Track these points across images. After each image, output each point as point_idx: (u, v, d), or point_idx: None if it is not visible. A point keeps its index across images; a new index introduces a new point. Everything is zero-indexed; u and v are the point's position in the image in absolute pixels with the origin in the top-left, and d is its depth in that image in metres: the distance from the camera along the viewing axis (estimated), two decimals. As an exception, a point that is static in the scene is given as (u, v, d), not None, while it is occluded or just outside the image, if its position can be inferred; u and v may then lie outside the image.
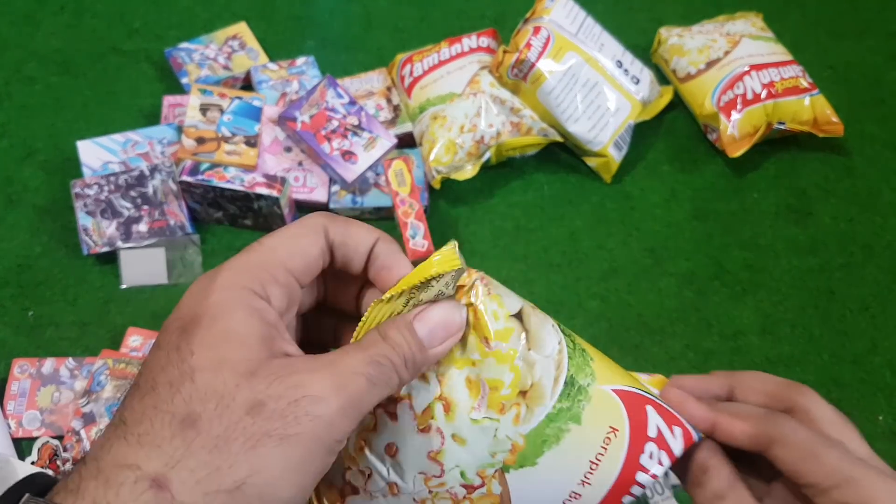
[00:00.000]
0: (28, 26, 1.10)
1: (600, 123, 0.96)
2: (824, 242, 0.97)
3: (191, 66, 1.03)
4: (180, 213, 0.90)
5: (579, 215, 0.97)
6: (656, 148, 1.04)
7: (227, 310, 0.28)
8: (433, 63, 1.00)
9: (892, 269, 0.95)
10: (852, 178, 1.02)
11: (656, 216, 0.98)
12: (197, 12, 1.13)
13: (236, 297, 0.28)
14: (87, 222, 0.88)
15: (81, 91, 1.04)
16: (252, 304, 0.28)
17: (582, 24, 0.98)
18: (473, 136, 0.94)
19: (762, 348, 0.88)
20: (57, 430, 0.79)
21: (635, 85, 0.99)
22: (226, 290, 0.28)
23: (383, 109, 1.00)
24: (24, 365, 0.82)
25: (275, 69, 1.03)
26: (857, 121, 1.07)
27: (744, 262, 0.94)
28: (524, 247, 0.94)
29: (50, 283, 0.89)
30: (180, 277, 0.89)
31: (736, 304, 0.91)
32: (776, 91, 0.99)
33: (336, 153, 0.92)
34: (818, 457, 0.30)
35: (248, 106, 0.96)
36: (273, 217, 0.90)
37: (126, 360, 0.82)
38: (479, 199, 0.98)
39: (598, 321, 0.89)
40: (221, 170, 0.88)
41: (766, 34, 1.07)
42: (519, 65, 0.94)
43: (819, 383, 0.86)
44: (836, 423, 0.33)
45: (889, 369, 0.87)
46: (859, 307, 0.91)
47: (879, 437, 0.82)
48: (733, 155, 0.98)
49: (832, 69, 1.13)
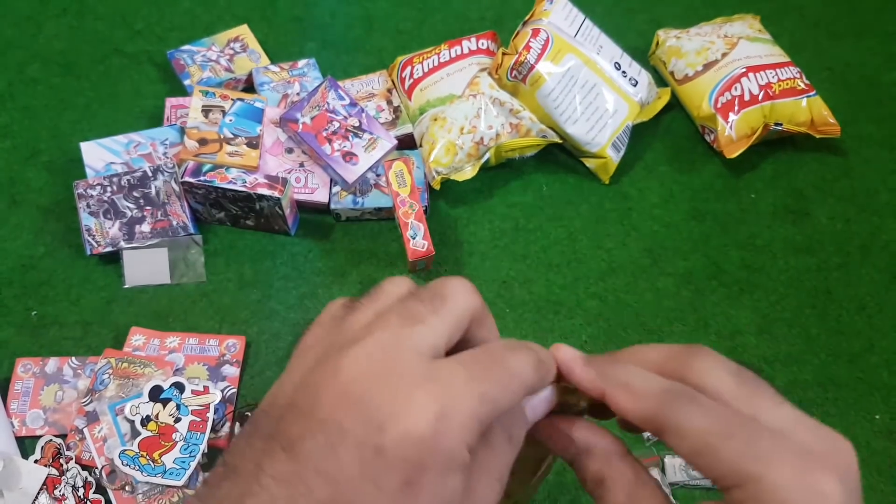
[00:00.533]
0: (31, 28, 1.11)
1: (599, 125, 0.97)
2: (821, 242, 0.97)
3: (193, 67, 1.04)
4: (183, 214, 0.91)
5: (578, 216, 0.98)
6: (654, 149, 1.04)
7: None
8: (433, 65, 1.00)
9: (888, 268, 0.95)
10: (849, 179, 1.03)
11: (654, 216, 0.98)
12: (199, 14, 1.14)
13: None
14: (90, 223, 0.89)
15: (84, 92, 1.05)
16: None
17: (581, 26, 0.99)
18: (473, 137, 0.95)
19: (759, 347, 0.88)
20: (60, 428, 0.79)
21: (633, 87, 1.00)
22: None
23: (384, 111, 1.01)
24: (27, 364, 0.83)
25: (276, 71, 1.04)
26: (855, 122, 1.07)
27: (741, 262, 0.95)
28: (523, 247, 0.95)
29: (53, 282, 0.89)
30: (182, 277, 0.90)
31: (733, 304, 0.91)
32: (773, 92, 1.00)
33: (337, 154, 0.93)
34: (714, 452, 0.25)
35: (250, 107, 0.96)
36: (275, 217, 0.91)
37: (129, 359, 0.82)
38: (479, 200, 0.99)
39: (596, 321, 0.89)
40: (223, 171, 0.88)
41: (763, 36, 1.07)
42: (518, 67, 0.94)
43: (816, 382, 0.86)
44: (740, 393, 0.27)
45: (886, 368, 0.88)
46: (856, 307, 0.92)
47: (876, 436, 0.83)
48: (731, 156, 0.99)
49: (829, 70, 1.13)
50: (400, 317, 0.27)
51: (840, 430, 0.27)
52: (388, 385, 0.25)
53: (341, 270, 0.92)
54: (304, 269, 0.92)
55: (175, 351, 0.84)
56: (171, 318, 0.88)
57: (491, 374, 0.26)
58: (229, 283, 0.90)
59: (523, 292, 0.91)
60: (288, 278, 0.91)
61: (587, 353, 0.31)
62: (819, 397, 0.85)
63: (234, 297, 0.89)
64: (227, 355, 0.84)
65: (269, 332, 0.87)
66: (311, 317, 0.89)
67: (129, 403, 0.78)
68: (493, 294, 0.91)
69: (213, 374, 0.83)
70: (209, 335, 0.86)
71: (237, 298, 0.89)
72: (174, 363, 0.83)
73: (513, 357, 0.27)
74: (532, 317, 0.89)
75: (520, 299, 0.91)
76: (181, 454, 0.76)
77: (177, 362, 0.83)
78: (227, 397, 0.82)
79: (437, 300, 0.28)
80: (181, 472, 0.75)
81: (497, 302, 0.90)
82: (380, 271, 0.92)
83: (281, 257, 0.93)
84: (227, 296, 0.89)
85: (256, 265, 0.92)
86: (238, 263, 0.92)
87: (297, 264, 0.92)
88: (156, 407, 0.78)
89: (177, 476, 0.75)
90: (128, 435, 0.77)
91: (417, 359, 0.26)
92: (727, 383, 0.27)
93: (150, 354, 0.84)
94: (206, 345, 0.85)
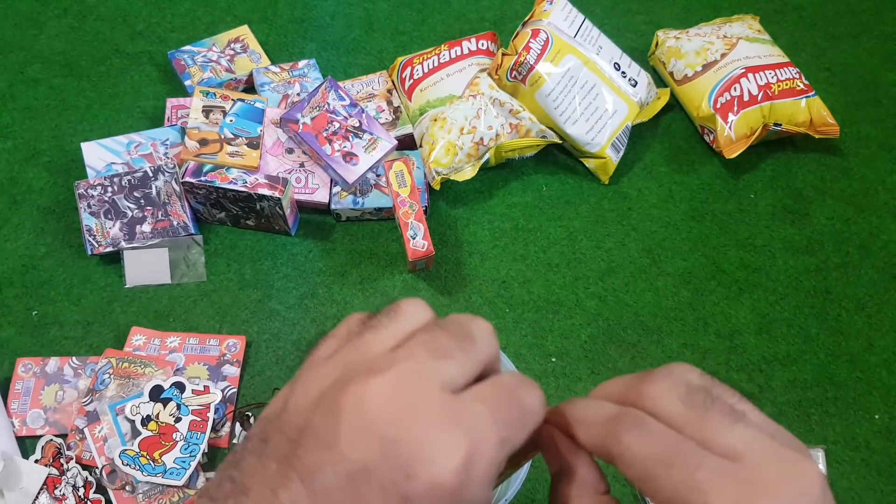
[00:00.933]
0: (32, 28, 1.11)
1: (598, 125, 0.97)
2: (820, 242, 0.97)
3: (194, 68, 1.04)
4: (183, 214, 0.91)
5: (577, 216, 0.98)
6: (653, 149, 1.05)
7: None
8: (433, 66, 1.01)
9: (887, 268, 0.95)
10: (848, 179, 1.03)
11: (654, 217, 0.98)
12: (199, 15, 1.14)
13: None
14: (91, 223, 0.89)
15: (85, 93, 1.05)
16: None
17: (580, 26, 0.99)
18: (473, 137, 0.95)
19: (759, 347, 0.88)
20: (61, 428, 0.79)
21: (633, 87, 1.00)
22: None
23: (384, 111, 1.01)
24: (28, 364, 0.83)
25: (277, 71, 1.04)
26: (854, 122, 1.08)
27: (740, 262, 0.95)
28: (523, 247, 0.95)
29: (54, 282, 0.89)
30: (183, 277, 0.90)
31: (733, 304, 0.92)
32: (773, 93, 1.00)
33: (337, 154, 0.93)
34: (657, 480, 0.25)
35: (251, 108, 0.97)
36: (275, 218, 0.91)
37: (129, 358, 0.83)
38: (479, 200, 0.99)
39: (596, 320, 0.89)
40: (224, 171, 0.88)
41: (762, 36, 1.07)
42: (518, 67, 0.95)
43: (815, 382, 0.86)
44: (690, 416, 0.26)
45: (885, 368, 0.88)
46: (855, 307, 0.92)
47: (875, 436, 0.83)
48: (730, 156, 0.99)
49: (828, 71, 1.13)
50: (427, 349, 0.26)
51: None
52: (415, 424, 0.24)
53: (341, 270, 0.92)
54: (305, 269, 0.92)
55: (175, 351, 0.84)
56: (172, 318, 0.88)
57: (511, 416, 0.26)
58: (230, 283, 0.91)
59: (523, 292, 0.91)
60: (288, 278, 0.91)
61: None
62: (818, 397, 0.85)
63: (234, 297, 0.90)
64: (228, 355, 0.85)
65: (269, 332, 0.87)
66: (312, 316, 0.89)
67: (130, 403, 0.78)
68: (492, 294, 0.91)
69: (213, 373, 0.83)
70: (210, 335, 0.86)
71: (238, 298, 0.90)
72: (175, 363, 0.83)
73: (527, 395, 0.27)
74: (531, 317, 0.89)
75: (519, 299, 0.91)
76: (182, 454, 0.76)
77: (177, 362, 0.84)
78: (227, 397, 0.82)
79: (467, 340, 0.27)
80: (181, 471, 0.75)
81: (497, 302, 0.90)
82: (380, 271, 0.92)
83: (281, 257, 0.93)
84: (228, 296, 0.90)
85: (257, 265, 0.92)
86: (238, 263, 0.92)
87: (298, 264, 0.93)
88: (156, 407, 0.79)
89: (177, 476, 0.75)
90: (128, 435, 0.77)
91: (443, 396, 0.25)
92: (676, 407, 0.26)
93: (150, 354, 0.84)
94: (207, 344, 0.85)
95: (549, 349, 0.87)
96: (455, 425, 0.24)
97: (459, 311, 0.89)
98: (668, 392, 0.27)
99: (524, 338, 0.88)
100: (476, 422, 0.25)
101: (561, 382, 0.85)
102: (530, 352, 0.87)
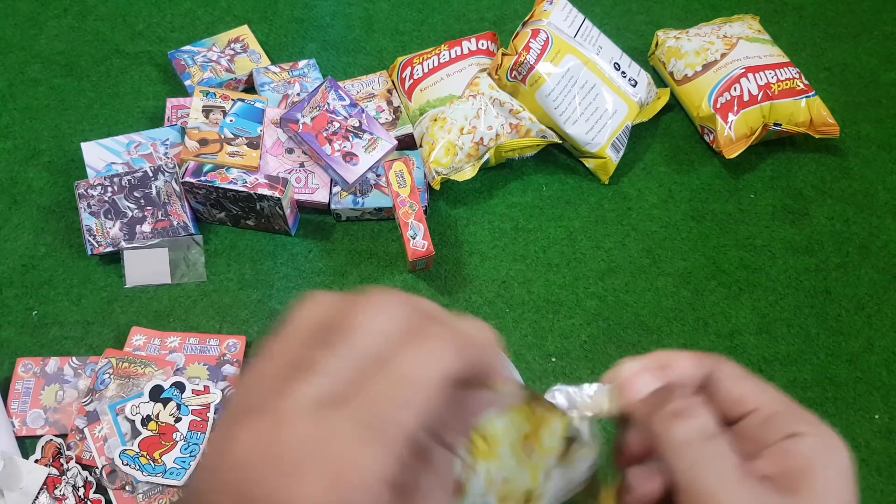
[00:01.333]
0: (32, 28, 1.11)
1: (598, 125, 0.97)
2: (820, 243, 0.97)
3: (194, 68, 1.04)
4: (183, 214, 0.91)
5: (577, 216, 0.98)
6: (653, 149, 1.05)
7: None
8: (433, 66, 1.01)
9: (887, 268, 0.95)
10: (848, 179, 1.03)
11: (653, 217, 0.98)
12: (200, 15, 1.14)
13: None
14: (91, 223, 0.89)
15: (85, 93, 1.05)
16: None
17: (580, 27, 0.99)
18: (473, 137, 0.95)
19: (759, 347, 0.88)
20: (61, 428, 0.79)
21: (633, 87, 1.00)
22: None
23: (384, 111, 1.01)
24: (28, 364, 0.83)
25: (277, 71, 1.04)
26: (853, 122, 1.08)
27: (740, 262, 0.95)
28: (523, 247, 0.95)
29: (54, 282, 0.89)
30: (183, 277, 0.90)
31: (732, 304, 0.92)
32: (773, 93, 1.00)
33: (337, 154, 0.93)
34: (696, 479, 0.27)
35: (251, 108, 0.97)
36: (275, 217, 0.91)
37: (129, 358, 0.83)
38: (479, 200, 0.99)
39: (595, 320, 0.89)
40: (224, 171, 0.88)
41: (762, 36, 1.07)
42: (518, 67, 0.95)
43: (815, 382, 0.86)
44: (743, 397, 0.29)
45: (885, 368, 0.88)
46: (855, 307, 0.92)
47: (875, 436, 0.83)
48: (730, 156, 0.99)
49: (828, 71, 1.13)
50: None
51: (839, 429, 0.27)
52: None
53: (341, 270, 0.92)
54: (305, 269, 0.92)
55: (176, 351, 0.84)
56: (172, 318, 0.88)
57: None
58: (230, 283, 0.91)
59: (523, 292, 0.91)
60: (288, 278, 0.91)
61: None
62: (818, 397, 0.85)
63: (234, 297, 0.90)
64: (228, 355, 0.85)
65: (269, 332, 0.87)
66: (312, 317, 0.89)
67: (130, 403, 0.78)
68: (492, 294, 0.91)
69: (213, 373, 0.83)
70: (210, 335, 0.86)
71: (238, 298, 0.90)
72: (175, 363, 0.83)
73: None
74: (531, 317, 0.89)
75: (519, 299, 0.91)
76: (182, 454, 0.76)
77: (177, 362, 0.84)
78: (227, 397, 0.82)
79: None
80: (181, 471, 0.75)
81: (497, 302, 0.90)
82: (380, 271, 0.92)
83: (281, 257, 0.93)
84: (228, 296, 0.90)
85: (257, 265, 0.92)
86: (238, 263, 0.92)
87: (298, 264, 0.93)
88: (156, 406, 0.79)
89: (177, 476, 0.75)
90: (128, 434, 0.77)
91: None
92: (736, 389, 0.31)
93: (150, 354, 0.84)
94: (207, 344, 0.85)
95: (549, 349, 0.87)
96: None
97: (459, 311, 0.89)
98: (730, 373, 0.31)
99: (524, 338, 0.88)
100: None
101: (561, 382, 0.85)
102: (530, 352, 0.87)
